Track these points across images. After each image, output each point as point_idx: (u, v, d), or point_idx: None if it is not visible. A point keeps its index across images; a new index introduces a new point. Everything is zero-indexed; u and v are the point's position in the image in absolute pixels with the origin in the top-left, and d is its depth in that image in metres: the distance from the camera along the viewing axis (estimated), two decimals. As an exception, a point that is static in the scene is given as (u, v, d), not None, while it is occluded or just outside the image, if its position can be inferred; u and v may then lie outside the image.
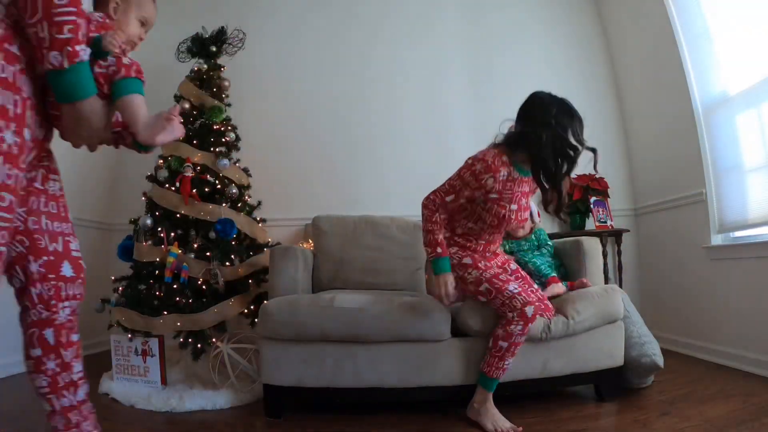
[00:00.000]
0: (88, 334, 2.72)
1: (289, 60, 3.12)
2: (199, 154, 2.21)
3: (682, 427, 1.44)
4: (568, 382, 1.75)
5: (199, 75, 2.39)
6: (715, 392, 1.77)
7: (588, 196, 2.78)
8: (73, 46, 0.82)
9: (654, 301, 2.82)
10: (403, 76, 3.10)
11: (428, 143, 3.01)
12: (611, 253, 2.84)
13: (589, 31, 3.18)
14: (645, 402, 1.71)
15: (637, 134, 2.98)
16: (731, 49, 2.24)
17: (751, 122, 2.15)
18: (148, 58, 3.12)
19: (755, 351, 2.03)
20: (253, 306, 2.15)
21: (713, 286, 2.33)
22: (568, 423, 1.53)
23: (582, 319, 1.66)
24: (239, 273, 2.12)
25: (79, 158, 2.78)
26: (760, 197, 2.09)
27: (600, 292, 1.76)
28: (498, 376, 1.54)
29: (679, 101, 2.51)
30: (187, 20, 2.85)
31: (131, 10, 1.12)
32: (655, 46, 2.68)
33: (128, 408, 1.77)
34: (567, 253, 2.10)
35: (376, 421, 1.61)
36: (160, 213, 2.15)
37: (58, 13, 0.78)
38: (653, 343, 1.82)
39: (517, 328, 1.49)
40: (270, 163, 2.88)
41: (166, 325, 1.91)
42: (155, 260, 2.03)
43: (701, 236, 2.41)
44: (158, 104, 2.70)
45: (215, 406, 1.77)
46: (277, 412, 1.67)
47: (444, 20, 3.17)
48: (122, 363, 2.00)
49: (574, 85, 3.10)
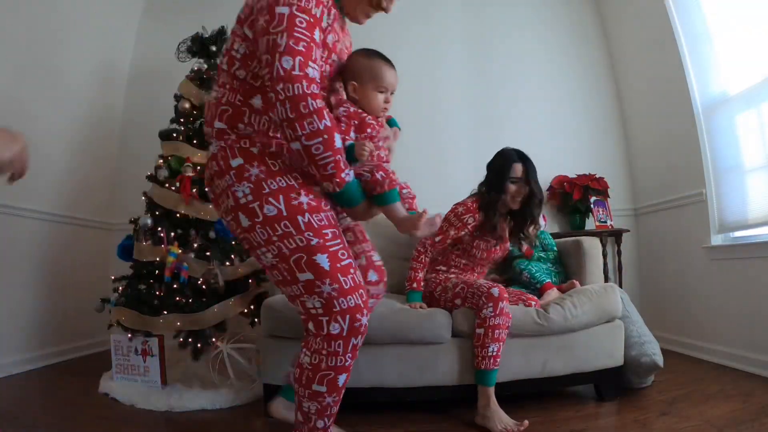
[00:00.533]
0: (88, 333, 2.73)
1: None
2: (199, 153, 2.20)
3: (681, 427, 1.44)
4: (568, 382, 1.75)
5: (199, 75, 2.38)
6: (715, 392, 1.77)
7: (588, 196, 2.78)
8: (338, 176, 1.03)
9: (654, 301, 2.82)
10: (402, 76, 3.08)
11: (426, 143, 3.00)
12: (611, 253, 2.84)
13: (590, 30, 3.18)
14: (645, 402, 1.71)
15: (637, 134, 2.98)
16: (731, 49, 2.24)
17: (751, 122, 2.15)
18: (149, 58, 3.16)
19: (755, 351, 2.03)
20: (253, 305, 2.15)
21: (713, 286, 2.33)
22: (568, 423, 1.54)
23: (580, 313, 1.67)
24: (239, 272, 2.12)
25: (79, 158, 2.80)
26: (760, 197, 2.09)
27: (598, 289, 1.76)
28: (489, 367, 1.53)
29: (679, 101, 2.51)
30: (187, 20, 2.85)
31: (369, 86, 1.20)
32: (656, 46, 2.68)
33: (128, 407, 1.77)
34: (567, 252, 2.10)
35: (377, 420, 1.61)
36: (160, 212, 2.15)
37: (320, 159, 1.00)
38: (653, 343, 1.82)
39: (489, 311, 1.56)
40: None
41: (166, 324, 1.91)
42: (155, 260, 2.03)
43: (701, 236, 2.41)
44: (158, 104, 2.74)
45: (215, 406, 1.77)
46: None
47: (443, 21, 3.17)
48: (122, 362, 2.00)
49: (575, 85, 3.11)
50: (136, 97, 3.15)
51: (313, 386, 1.05)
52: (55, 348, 2.53)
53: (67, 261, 2.67)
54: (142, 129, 3.03)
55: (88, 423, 1.59)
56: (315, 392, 1.05)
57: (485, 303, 1.57)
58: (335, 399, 1.08)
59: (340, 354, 1.02)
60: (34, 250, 2.45)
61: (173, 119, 2.35)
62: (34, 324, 2.40)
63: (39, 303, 2.45)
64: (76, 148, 2.77)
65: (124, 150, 3.12)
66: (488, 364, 1.54)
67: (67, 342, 2.61)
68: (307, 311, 1.04)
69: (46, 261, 2.52)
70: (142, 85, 3.15)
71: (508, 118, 3.06)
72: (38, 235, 2.48)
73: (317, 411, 1.07)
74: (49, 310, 2.51)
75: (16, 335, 2.28)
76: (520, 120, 3.05)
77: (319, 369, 1.03)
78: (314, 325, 1.04)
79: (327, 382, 1.04)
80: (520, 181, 1.78)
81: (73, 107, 2.75)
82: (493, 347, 1.54)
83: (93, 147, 2.91)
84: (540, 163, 2.92)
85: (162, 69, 2.99)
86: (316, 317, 1.03)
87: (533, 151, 2.99)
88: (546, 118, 3.06)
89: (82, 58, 2.80)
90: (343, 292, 1.01)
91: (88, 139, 2.87)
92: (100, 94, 2.96)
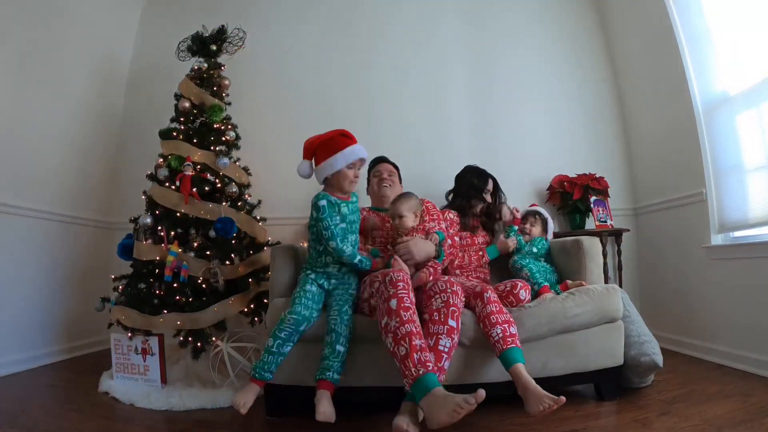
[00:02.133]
0: (88, 332, 2.73)
1: (289, 59, 3.11)
2: (199, 152, 2.21)
3: (681, 426, 1.44)
4: (569, 382, 1.75)
5: (199, 74, 2.39)
6: (714, 392, 1.77)
7: (588, 196, 2.78)
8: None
9: (654, 301, 2.82)
10: (404, 75, 3.10)
11: (428, 143, 3.01)
12: (611, 253, 2.84)
13: (590, 30, 3.17)
14: (645, 401, 1.71)
15: (638, 134, 2.98)
16: (731, 48, 2.23)
17: (751, 122, 2.14)
18: (149, 57, 3.15)
19: (755, 351, 2.03)
20: (252, 305, 2.15)
21: (713, 286, 2.33)
22: (568, 422, 1.53)
23: (580, 312, 1.67)
24: (239, 272, 2.12)
25: (79, 157, 2.79)
26: (760, 197, 2.09)
27: (600, 290, 1.76)
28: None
29: (679, 101, 2.51)
30: (187, 19, 2.85)
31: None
32: (656, 46, 2.68)
33: (128, 406, 1.77)
34: (567, 252, 2.10)
35: (377, 420, 1.61)
36: (160, 212, 2.15)
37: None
38: (653, 343, 1.82)
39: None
40: (270, 161, 2.88)
41: (166, 323, 1.91)
42: (155, 259, 2.03)
43: (701, 236, 2.41)
44: (158, 103, 2.74)
45: (215, 405, 1.77)
46: (278, 411, 1.67)
47: (445, 21, 3.17)
48: (122, 361, 2.00)
49: (575, 85, 3.11)
50: (136, 96, 3.15)
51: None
52: (55, 347, 2.53)
53: (67, 260, 2.67)
54: (142, 128, 3.03)
55: (88, 422, 1.59)
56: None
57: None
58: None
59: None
60: (34, 250, 2.45)
61: (173, 118, 2.35)
62: (34, 323, 2.40)
63: (39, 302, 2.45)
64: (76, 147, 2.77)
65: (124, 149, 3.12)
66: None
67: (67, 341, 2.61)
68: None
69: (46, 260, 2.52)
70: (142, 84, 3.15)
71: (509, 117, 3.06)
72: (38, 235, 2.48)
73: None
74: (49, 309, 2.51)
75: (17, 334, 2.28)
76: (520, 119, 3.05)
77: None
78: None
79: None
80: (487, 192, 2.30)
81: (73, 106, 2.75)
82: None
83: (93, 146, 2.91)
84: (540, 162, 2.97)
85: (162, 68, 2.99)
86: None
87: (533, 151, 3.05)
88: (546, 118, 3.06)
89: (82, 57, 2.80)
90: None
91: (88, 138, 2.87)
92: (100, 92, 2.96)
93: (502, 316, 1.56)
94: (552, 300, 1.73)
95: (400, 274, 1.53)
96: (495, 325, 1.54)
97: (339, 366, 1.54)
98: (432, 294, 1.57)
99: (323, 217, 1.69)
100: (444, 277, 1.64)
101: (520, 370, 1.44)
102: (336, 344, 1.55)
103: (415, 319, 1.44)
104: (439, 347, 1.46)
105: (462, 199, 2.30)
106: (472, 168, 2.40)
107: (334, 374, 1.52)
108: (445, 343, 1.47)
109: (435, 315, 1.52)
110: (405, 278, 1.52)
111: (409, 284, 1.53)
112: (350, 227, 1.79)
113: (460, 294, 1.57)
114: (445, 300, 1.53)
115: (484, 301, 1.60)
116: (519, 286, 1.75)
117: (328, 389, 1.49)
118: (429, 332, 1.49)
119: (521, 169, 2.93)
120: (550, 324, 1.66)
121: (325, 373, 1.52)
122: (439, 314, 1.51)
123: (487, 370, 1.61)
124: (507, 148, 3.01)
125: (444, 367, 1.46)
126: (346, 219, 1.77)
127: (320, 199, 1.72)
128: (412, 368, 1.31)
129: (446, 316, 1.50)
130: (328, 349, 1.55)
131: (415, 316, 1.45)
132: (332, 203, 1.72)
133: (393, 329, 1.40)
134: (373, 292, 1.62)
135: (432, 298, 1.56)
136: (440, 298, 1.54)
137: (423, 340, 1.40)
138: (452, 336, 1.49)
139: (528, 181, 2.96)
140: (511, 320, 1.58)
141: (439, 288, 1.57)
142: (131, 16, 3.21)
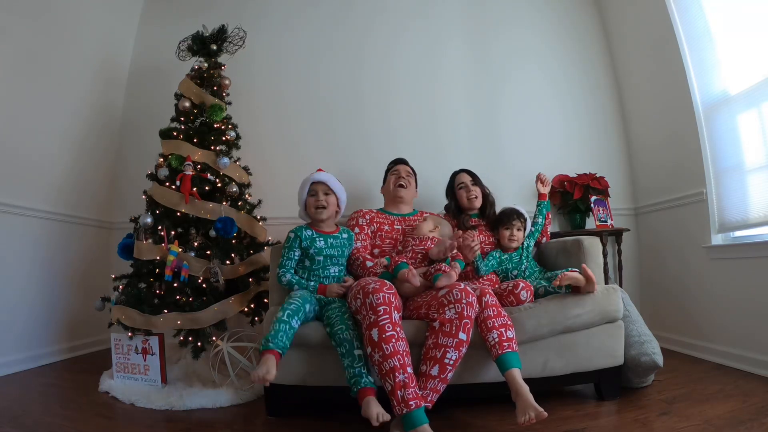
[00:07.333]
0: (89, 332, 2.74)
1: (289, 58, 3.11)
2: (199, 152, 2.21)
3: (681, 426, 1.44)
4: (569, 382, 1.75)
5: (199, 73, 2.39)
6: (715, 392, 1.77)
7: (588, 195, 2.78)
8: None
9: (654, 301, 2.82)
10: (402, 73, 3.10)
11: (426, 140, 3.00)
12: (611, 253, 2.84)
13: (591, 29, 3.17)
14: (645, 401, 1.71)
15: (638, 134, 2.98)
16: (732, 48, 2.23)
17: (751, 122, 2.14)
18: (149, 57, 3.15)
19: (755, 351, 2.03)
20: (253, 304, 2.15)
21: (713, 286, 2.33)
22: (568, 422, 1.53)
23: (581, 312, 1.67)
24: (239, 271, 2.12)
25: (80, 156, 2.80)
26: (760, 197, 2.09)
27: (601, 290, 1.76)
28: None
29: (680, 101, 2.51)
30: (187, 19, 2.85)
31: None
32: (656, 46, 2.68)
33: (128, 406, 1.77)
34: (567, 252, 2.10)
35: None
36: (161, 211, 2.15)
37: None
38: (653, 342, 1.82)
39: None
40: (270, 161, 2.88)
41: (167, 323, 1.91)
42: (155, 258, 2.03)
43: (701, 236, 2.41)
44: (158, 102, 2.74)
45: (215, 405, 1.77)
46: (278, 410, 1.67)
47: (443, 18, 3.17)
48: (122, 361, 2.00)
49: (576, 84, 3.11)
50: (136, 95, 3.15)
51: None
52: (56, 346, 2.54)
53: (67, 260, 2.67)
54: (142, 128, 3.04)
55: (88, 421, 1.59)
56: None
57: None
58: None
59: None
60: (34, 249, 2.45)
61: (173, 118, 2.35)
62: (34, 322, 2.40)
63: (39, 301, 2.45)
64: (76, 146, 2.77)
65: (124, 149, 3.12)
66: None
67: (67, 340, 2.61)
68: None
69: (46, 260, 2.52)
70: (142, 83, 3.15)
71: (509, 117, 3.06)
72: (39, 234, 2.48)
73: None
74: (49, 309, 2.51)
75: (17, 333, 2.28)
76: (520, 119, 3.05)
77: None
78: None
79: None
80: (465, 186, 2.27)
81: (74, 106, 2.75)
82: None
83: (93, 146, 2.90)
84: (540, 161, 2.96)
85: (162, 67, 2.99)
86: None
87: (533, 150, 3.05)
88: (546, 117, 3.06)
89: (82, 56, 2.80)
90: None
91: (89, 137, 2.87)
92: (100, 92, 2.96)
93: (499, 320, 1.56)
94: (552, 300, 1.73)
95: (379, 295, 1.50)
96: (492, 329, 1.53)
97: (365, 369, 1.49)
98: (446, 303, 1.54)
99: (284, 245, 1.85)
100: (461, 285, 1.60)
101: (515, 375, 1.45)
102: (353, 350, 1.51)
103: (399, 347, 1.42)
104: (444, 360, 1.46)
105: (451, 202, 2.35)
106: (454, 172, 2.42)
107: (367, 379, 1.47)
108: (452, 356, 1.47)
109: (447, 326, 1.50)
110: (386, 299, 1.50)
111: (390, 303, 1.51)
112: (330, 260, 1.86)
113: (474, 305, 1.54)
114: (459, 311, 1.51)
115: (482, 305, 1.59)
116: (520, 286, 1.75)
117: (370, 395, 1.44)
118: (436, 342, 1.49)
119: (521, 169, 2.92)
120: (550, 324, 1.66)
121: (360, 382, 1.46)
122: (450, 325, 1.50)
123: (486, 370, 1.60)
124: (507, 148, 3.01)
125: (447, 378, 1.47)
126: (323, 252, 1.84)
127: (292, 231, 1.86)
128: (397, 406, 1.35)
129: (457, 329, 1.49)
130: (348, 360, 1.51)
131: (399, 344, 1.43)
132: (300, 237, 1.84)
133: (377, 362, 1.42)
134: (356, 309, 1.59)
135: (446, 306, 1.53)
136: (454, 308, 1.51)
137: (408, 370, 1.40)
138: (460, 349, 1.49)
139: (528, 181, 2.96)
140: (509, 324, 1.57)
141: (454, 297, 1.53)
142: (131, 15, 3.21)
